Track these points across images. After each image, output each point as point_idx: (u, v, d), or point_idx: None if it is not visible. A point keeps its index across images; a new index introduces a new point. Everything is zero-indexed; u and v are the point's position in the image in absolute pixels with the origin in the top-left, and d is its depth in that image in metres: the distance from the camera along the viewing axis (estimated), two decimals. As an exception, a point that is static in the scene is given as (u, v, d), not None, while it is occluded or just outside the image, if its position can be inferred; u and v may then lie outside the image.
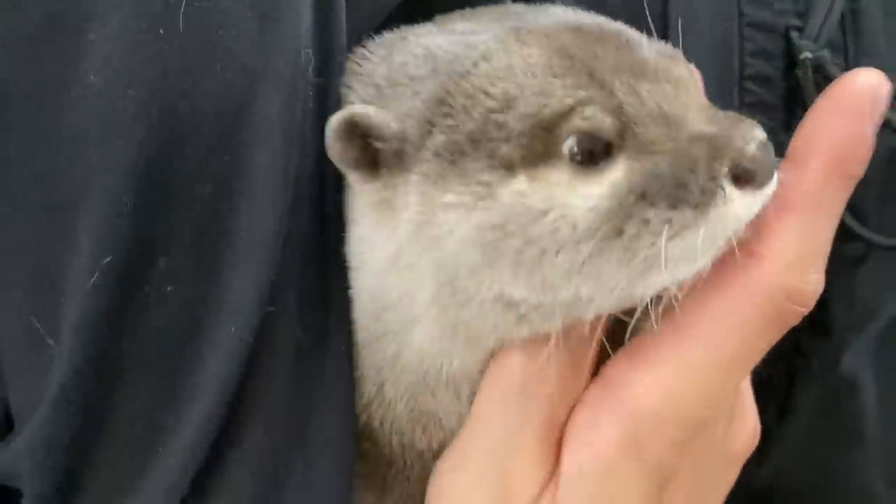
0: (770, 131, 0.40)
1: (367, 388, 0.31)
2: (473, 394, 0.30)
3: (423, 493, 0.31)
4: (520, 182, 0.26)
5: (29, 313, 0.27)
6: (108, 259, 0.26)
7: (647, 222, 0.25)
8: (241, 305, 0.27)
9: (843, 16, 0.43)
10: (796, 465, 0.48)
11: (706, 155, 0.26)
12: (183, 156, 0.26)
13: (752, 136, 0.26)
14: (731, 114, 0.28)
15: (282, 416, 0.28)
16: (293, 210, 0.27)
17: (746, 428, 0.32)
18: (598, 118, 0.26)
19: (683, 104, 0.27)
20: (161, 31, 0.25)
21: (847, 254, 0.44)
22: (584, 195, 0.26)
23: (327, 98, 0.29)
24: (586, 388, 0.29)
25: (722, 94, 0.41)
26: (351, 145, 0.27)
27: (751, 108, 0.41)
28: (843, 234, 0.44)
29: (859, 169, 0.28)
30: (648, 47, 0.28)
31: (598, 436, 0.28)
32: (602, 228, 0.26)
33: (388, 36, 0.31)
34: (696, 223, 0.25)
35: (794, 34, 0.42)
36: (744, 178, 0.26)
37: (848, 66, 0.43)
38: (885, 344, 0.46)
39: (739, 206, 0.26)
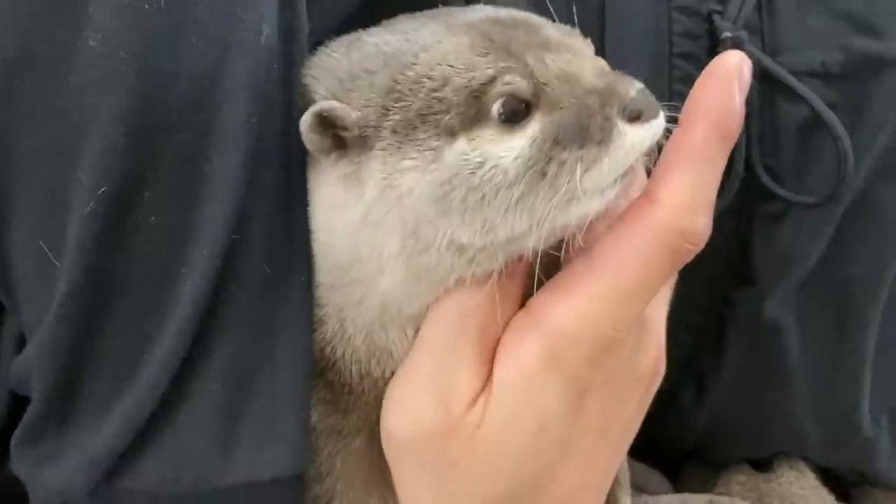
0: None
1: (331, 325, 0.36)
2: (417, 331, 0.35)
3: (378, 416, 0.36)
4: (460, 143, 0.32)
5: (39, 241, 0.32)
6: (103, 190, 0.30)
7: (563, 162, 0.31)
8: (211, 232, 0.32)
9: (759, 1, 0.49)
10: (731, 405, 0.54)
11: (599, 102, 0.32)
12: (164, 108, 0.31)
13: (632, 84, 0.32)
14: (617, 72, 0.34)
15: (248, 333, 0.33)
16: (258, 157, 0.32)
17: (651, 352, 0.37)
18: (515, 82, 0.32)
19: (580, 66, 0.33)
20: (146, 6, 0.30)
21: (767, 211, 0.49)
22: (510, 147, 0.32)
23: (292, 66, 0.34)
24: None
25: (655, 69, 0.46)
26: (322, 136, 0.33)
27: (680, 81, 0.46)
28: (764, 194, 0.49)
29: (734, 130, 0.33)
30: (551, 28, 0.34)
31: (522, 352, 0.33)
32: (528, 173, 0.31)
33: (345, 37, 0.36)
34: (601, 155, 0.31)
35: (716, 17, 0.47)
36: (632, 115, 0.32)
37: (764, 45, 0.48)
38: (806, 291, 0.51)
39: (633, 136, 0.32)
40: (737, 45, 0.46)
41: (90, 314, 0.32)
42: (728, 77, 0.33)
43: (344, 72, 0.34)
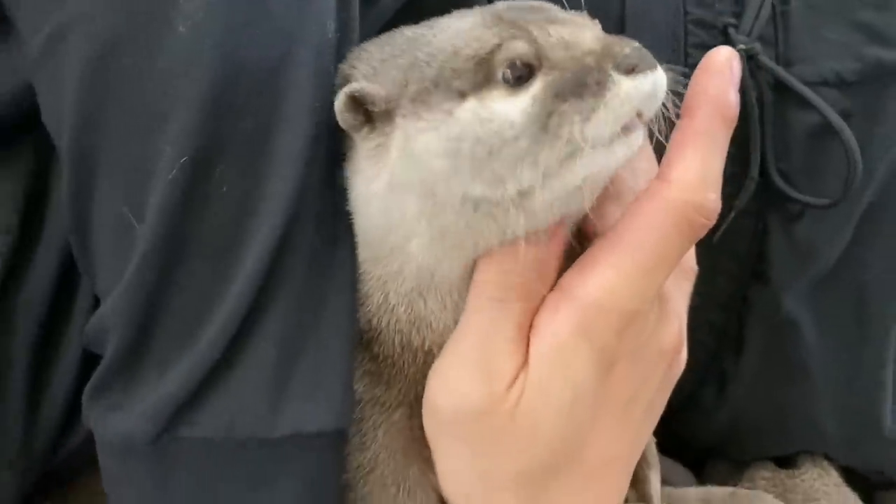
0: None
1: (376, 298, 0.39)
2: (455, 302, 0.38)
3: (417, 391, 0.39)
4: (470, 103, 0.35)
5: (123, 207, 0.36)
6: (184, 159, 0.34)
7: (563, 113, 0.34)
8: (273, 206, 0.35)
9: (774, 15, 0.51)
10: (752, 402, 0.56)
11: (596, 60, 0.34)
12: (238, 92, 0.34)
13: (628, 43, 0.35)
14: (617, 35, 0.36)
15: (300, 300, 0.37)
16: (316, 141, 0.36)
17: (672, 328, 0.39)
18: (518, 47, 0.35)
19: (580, 34, 0.36)
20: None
21: (783, 213, 0.52)
22: (516, 104, 0.34)
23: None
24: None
25: None
26: (354, 114, 0.36)
27: None
28: (779, 197, 0.52)
29: (733, 112, 0.36)
30: (560, 11, 0.37)
31: (555, 325, 0.36)
32: (532, 125, 0.34)
33: (383, 35, 0.40)
34: (597, 105, 0.34)
35: (731, 30, 0.50)
36: (628, 67, 0.34)
37: (778, 57, 0.51)
38: (824, 290, 0.53)
39: (628, 86, 0.34)
40: (751, 56, 0.49)
41: (163, 275, 0.36)
42: (721, 67, 0.36)
43: (376, 60, 0.37)
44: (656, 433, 0.59)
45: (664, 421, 0.60)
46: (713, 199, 0.35)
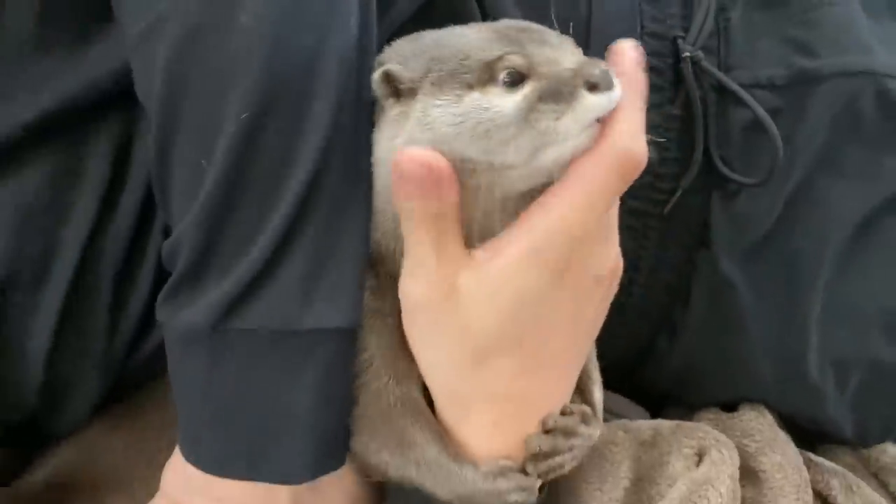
0: (660, 104, 0.61)
1: (388, 224, 0.50)
2: None
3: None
4: (475, 94, 0.46)
5: (196, 153, 0.46)
6: (244, 115, 0.44)
7: (543, 111, 0.45)
8: (308, 157, 0.45)
9: (718, 29, 0.62)
10: (698, 348, 0.66)
11: (570, 76, 0.45)
12: (284, 68, 0.45)
13: (596, 65, 0.45)
14: (591, 58, 0.47)
15: (326, 227, 0.47)
16: (341, 109, 0.46)
17: (611, 252, 0.50)
18: (516, 59, 0.46)
19: (563, 54, 0.46)
20: None
21: (723, 191, 0.62)
22: (509, 100, 0.45)
23: (364, 54, 0.48)
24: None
25: None
26: (386, 86, 0.47)
27: (649, 88, 0.60)
28: (720, 178, 0.62)
29: (642, 86, 0.47)
30: (551, 34, 0.48)
31: (512, 247, 0.46)
32: (519, 117, 0.45)
33: (410, 35, 0.51)
34: (567, 110, 0.44)
35: (679, 41, 0.61)
36: (592, 86, 0.45)
37: (719, 63, 0.62)
38: (757, 256, 0.63)
39: (591, 100, 0.45)
40: (696, 62, 0.60)
41: (224, 202, 0.46)
42: (626, 51, 0.48)
43: (407, 52, 0.49)
44: (619, 382, 0.70)
45: (627, 372, 0.71)
46: (642, 147, 0.46)
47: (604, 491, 0.58)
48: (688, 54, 0.60)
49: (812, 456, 0.68)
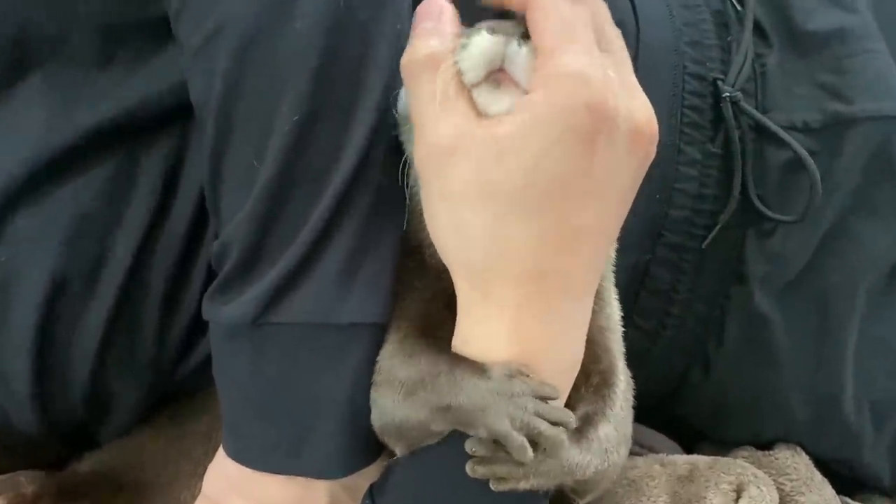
0: (701, 142, 0.62)
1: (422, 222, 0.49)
2: None
3: (441, 282, 0.49)
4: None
5: (249, 152, 0.47)
6: (295, 118, 0.45)
7: None
8: (351, 157, 0.47)
9: (754, 74, 0.64)
10: (731, 387, 0.66)
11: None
12: (334, 74, 0.46)
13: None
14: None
15: (364, 226, 0.47)
16: (383, 114, 0.48)
17: (640, 101, 0.46)
18: None
19: None
20: (336, 4, 0.46)
21: (759, 228, 0.63)
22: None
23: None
24: None
25: (669, 115, 0.62)
26: None
27: (688, 125, 0.62)
28: (756, 215, 0.63)
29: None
30: None
31: (538, 104, 0.43)
32: None
33: None
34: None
35: (719, 82, 0.63)
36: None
37: (757, 105, 0.63)
38: (791, 293, 0.64)
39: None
40: (735, 102, 0.62)
41: (274, 200, 0.46)
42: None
43: None
44: (651, 417, 0.70)
45: (659, 405, 0.71)
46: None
47: (640, 524, 0.58)
48: (728, 95, 0.62)
49: (849, 501, 0.67)
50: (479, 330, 0.47)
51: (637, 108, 0.46)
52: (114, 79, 0.55)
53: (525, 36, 0.45)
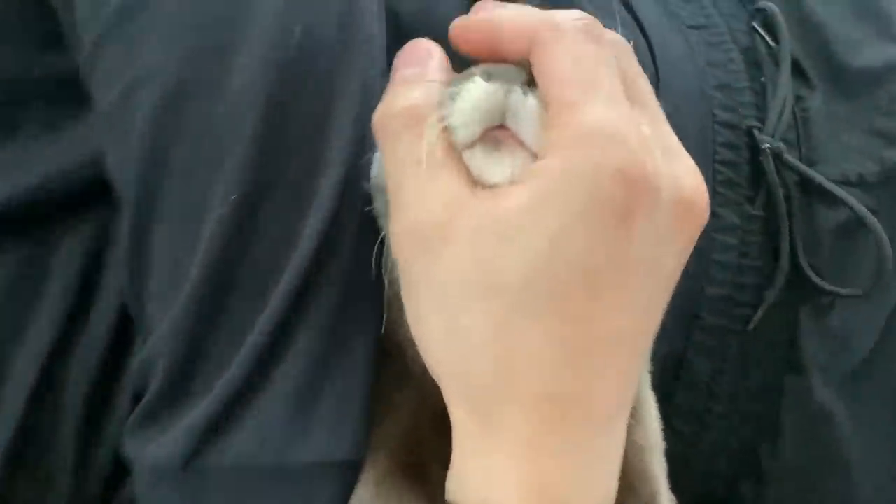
0: (738, 203, 0.53)
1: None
2: None
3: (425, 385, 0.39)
4: None
5: (178, 244, 0.39)
6: (234, 197, 0.37)
7: None
8: (310, 235, 0.38)
9: (795, 121, 0.56)
10: (792, 494, 0.56)
11: None
12: (284, 138, 0.38)
13: None
14: None
15: (328, 329, 0.39)
16: (350, 180, 0.39)
17: (685, 163, 0.36)
18: None
19: None
20: (282, 55, 0.37)
21: (814, 304, 0.54)
22: None
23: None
24: None
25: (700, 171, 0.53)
26: None
27: (722, 184, 0.53)
28: (810, 289, 0.54)
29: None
30: None
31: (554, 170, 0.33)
32: None
33: None
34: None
35: (756, 131, 0.54)
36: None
37: (801, 158, 0.55)
38: (859, 382, 0.55)
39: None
40: (777, 155, 0.53)
41: (208, 306, 0.38)
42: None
43: None
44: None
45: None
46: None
47: None
48: (768, 146, 0.53)
49: None
50: (479, 470, 0.35)
51: (683, 174, 0.35)
52: (17, 151, 0.46)
53: (530, 83, 0.35)
